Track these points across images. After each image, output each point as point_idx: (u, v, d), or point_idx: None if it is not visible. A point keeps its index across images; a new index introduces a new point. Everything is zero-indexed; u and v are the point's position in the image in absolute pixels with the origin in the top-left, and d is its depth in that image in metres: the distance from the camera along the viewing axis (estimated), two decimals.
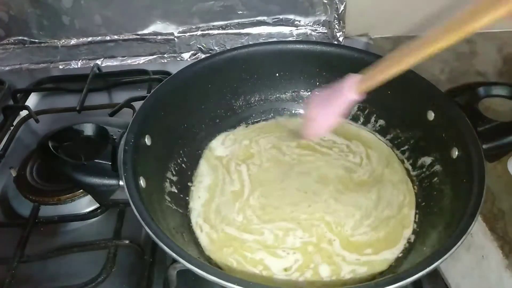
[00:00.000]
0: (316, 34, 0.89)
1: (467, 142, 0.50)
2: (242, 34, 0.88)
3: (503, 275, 0.48)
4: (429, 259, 0.40)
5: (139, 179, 0.49)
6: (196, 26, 0.88)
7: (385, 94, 0.63)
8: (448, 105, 0.55)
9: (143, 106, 0.56)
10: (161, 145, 0.58)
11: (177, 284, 0.53)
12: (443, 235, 0.47)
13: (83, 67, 0.90)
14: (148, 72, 0.86)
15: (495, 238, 0.50)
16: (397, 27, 0.88)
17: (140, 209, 0.44)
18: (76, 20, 0.86)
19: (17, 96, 0.84)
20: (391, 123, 0.65)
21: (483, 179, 0.46)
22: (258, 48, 0.67)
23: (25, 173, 0.66)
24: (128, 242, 0.58)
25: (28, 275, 0.56)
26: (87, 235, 0.61)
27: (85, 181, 0.48)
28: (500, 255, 0.48)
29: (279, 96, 0.71)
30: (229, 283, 0.37)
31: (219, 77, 0.66)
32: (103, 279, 0.53)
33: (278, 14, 0.87)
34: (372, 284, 0.39)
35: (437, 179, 0.56)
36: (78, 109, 0.78)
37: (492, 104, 0.61)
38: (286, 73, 0.69)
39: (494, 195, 0.54)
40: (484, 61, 0.80)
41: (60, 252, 0.57)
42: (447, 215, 0.50)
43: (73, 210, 0.63)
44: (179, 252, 0.41)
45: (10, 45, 0.88)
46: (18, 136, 0.76)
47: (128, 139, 0.50)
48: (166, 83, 0.60)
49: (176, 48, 0.89)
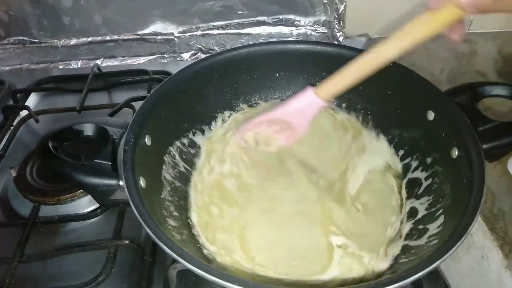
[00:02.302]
0: (316, 34, 0.89)
1: (467, 142, 0.50)
2: (242, 34, 0.88)
3: (503, 275, 0.48)
4: (429, 259, 0.40)
5: (139, 179, 0.49)
6: (196, 26, 0.88)
7: (385, 94, 0.63)
8: (448, 105, 0.55)
9: (143, 106, 0.56)
10: (161, 145, 0.58)
11: (177, 284, 0.53)
12: (443, 235, 0.47)
13: (83, 67, 0.90)
14: (148, 72, 0.86)
15: (495, 238, 0.50)
16: (397, 27, 0.88)
17: (140, 209, 0.44)
18: (76, 20, 0.85)
19: (17, 96, 0.84)
20: (391, 123, 0.65)
21: (483, 179, 0.46)
22: (258, 48, 0.67)
23: (25, 173, 0.66)
24: (128, 242, 0.58)
25: (28, 275, 0.56)
26: (87, 235, 0.61)
27: (85, 181, 0.48)
28: (500, 255, 0.48)
29: (279, 96, 0.71)
30: (229, 283, 0.37)
31: (219, 77, 0.66)
32: (103, 279, 0.53)
33: (278, 14, 0.87)
34: (372, 284, 0.39)
35: (437, 179, 0.56)
36: (78, 109, 0.78)
37: (492, 104, 0.61)
38: (286, 73, 0.69)
39: (494, 195, 0.54)
40: (484, 61, 0.80)
41: (60, 252, 0.57)
42: (447, 215, 0.50)
43: (73, 210, 0.63)
44: (179, 252, 0.41)
45: (10, 45, 0.88)
46: (18, 136, 0.76)
47: (128, 139, 0.50)
48: (166, 83, 0.60)
49: (176, 48, 0.89)
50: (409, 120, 0.62)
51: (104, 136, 0.53)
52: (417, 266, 0.39)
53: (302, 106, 0.55)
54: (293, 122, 0.57)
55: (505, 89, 0.56)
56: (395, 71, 0.61)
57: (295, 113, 0.56)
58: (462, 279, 0.55)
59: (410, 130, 0.62)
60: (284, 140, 0.59)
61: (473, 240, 0.53)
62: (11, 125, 0.79)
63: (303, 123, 0.56)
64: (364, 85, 0.65)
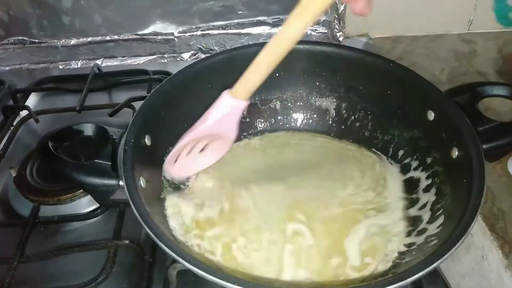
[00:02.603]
0: (316, 34, 0.89)
1: (467, 142, 0.50)
2: (242, 34, 0.88)
3: (503, 275, 0.48)
4: (429, 259, 0.40)
5: (139, 179, 0.49)
6: (196, 26, 0.88)
7: (385, 94, 0.63)
8: (448, 105, 0.55)
9: (143, 106, 0.56)
10: (161, 145, 0.58)
11: (177, 284, 0.53)
12: (443, 235, 0.47)
13: (83, 67, 0.90)
14: (148, 72, 0.86)
15: (495, 238, 0.50)
16: (397, 27, 0.88)
17: (140, 209, 0.44)
18: (76, 20, 0.86)
19: (17, 96, 0.84)
20: (391, 123, 0.65)
21: (483, 179, 0.46)
22: (258, 48, 0.66)
23: (25, 173, 0.66)
24: (128, 242, 0.58)
25: (28, 275, 0.56)
26: (87, 235, 0.61)
27: (85, 181, 0.48)
28: (500, 255, 0.48)
29: (279, 96, 0.71)
30: (229, 283, 0.37)
31: (219, 77, 0.65)
32: (103, 279, 0.53)
33: (278, 14, 0.87)
34: (372, 284, 0.39)
35: (437, 179, 0.56)
36: (78, 109, 0.78)
37: (492, 104, 0.61)
38: (286, 73, 0.69)
39: (494, 195, 0.54)
40: (484, 61, 0.80)
41: (60, 252, 0.57)
42: (447, 215, 0.50)
43: (73, 210, 0.63)
44: (179, 252, 0.41)
45: (10, 45, 0.88)
46: (18, 136, 0.76)
47: (128, 139, 0.50)
48: (166, 83, 0.60)
49: (176, 48, 0.89)
50: (409, 120, 0.62)
51: (104, 136, 0.53)
52: (417, 266, 0.39)
53: (223, 113, 0.53)
54: (220, 131, 0.55)
55: (505, 89, 0.56)
56: (395, 71, 0.61)
57: (219, 123, 0.54)
58: (462, 279, 0.55)
59: (410, 130, 0.62)
60: (217, 151, 0.57)
61: (473, 240, 0.53)
62: (11, 125, 0.79)
63: (231, 128, 0.55)
64: (364, 85, 0.66)
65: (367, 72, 0.64)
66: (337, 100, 0.69)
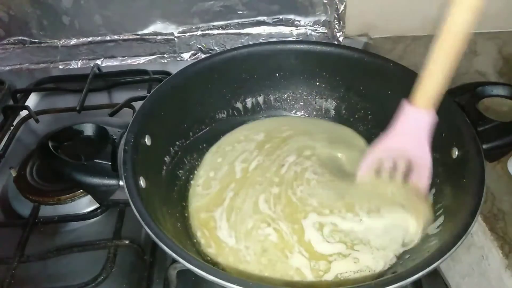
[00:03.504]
0: (316, 34, 0.89)
1: (467, 142, 0.50)
2: (242, 34, 0.88)
3: (503, 275, 0.48)
4: (429, 259, 0.40)
5: (139, 179, 0.49)
6: (196, 26, 0.88)
7: (385, 94, 0.63)
8: (448, 105, 0.55)
9: (143, 106, 0.56)
10: (161, 145, 0.58)
11: (177, 284, 0.53)
12: (443, 235, 0.47)
13: (83, 67, 0.90)
14: (148, 72, 0.86)
15: (495, 238, 0.50)
16: (397, 27, 0.88)
17: (140, 209, 0.44)
18: (76, 20, 0.86)
19: (17, 96, 0.84)
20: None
21: (483, 179, 0.46)
22: (258, 48, 0.67)
23: (25, 173, 0.66)
24: (128, 242, 0.58)
25: (28, 275, 0.56)
26: (87, 235, 0.61)
27: (85, 181, 0.48)
28: (500, 255, 0.48)
29: (279, 96, 0.71)
30: (229, 283, 0.37)
31: (219, 77, 0.65)
32: (103, 279, 0.53)
33: (278, 14, 0.87)
34: (372, 284, 0.39)
35: (437, 179, 0.56)
36: (78, 109, 0.78)
37: (492, 104, 0.61)
38: (286, 73, 0.69)
39: (494, 195, 0.54)
40: (484, 61, 0.80)
41: (60, 252, 0.57)
42: (447, 215, 0.50)
43: (73, 210, 0.63)
44: (179, 252, 0.41)
45: (10, 45, 0.88)
46: (18, 136, 0.76)
47: (128, 139, 0.50)
48: (166, 83, 0.60)
49: (176, 48, 0.89)
50: None
51: (104, 136, 0.53)
52: (417, 266, 0.39)
53: (409, 128, 0.50)
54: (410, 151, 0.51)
55: (505, 89, 0.56)
56: (395, 71, 0.61)
57: (405, 140, 0.50)
58: (462, 279, 0.55)
59: None
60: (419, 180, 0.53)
61: (473, 240, 0.53)
62: (11, 125, 0.79)
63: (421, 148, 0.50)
64: (364, 85, 0.66)
65: (367, 72, 0.64)
66: (337, 100, 0.70)
